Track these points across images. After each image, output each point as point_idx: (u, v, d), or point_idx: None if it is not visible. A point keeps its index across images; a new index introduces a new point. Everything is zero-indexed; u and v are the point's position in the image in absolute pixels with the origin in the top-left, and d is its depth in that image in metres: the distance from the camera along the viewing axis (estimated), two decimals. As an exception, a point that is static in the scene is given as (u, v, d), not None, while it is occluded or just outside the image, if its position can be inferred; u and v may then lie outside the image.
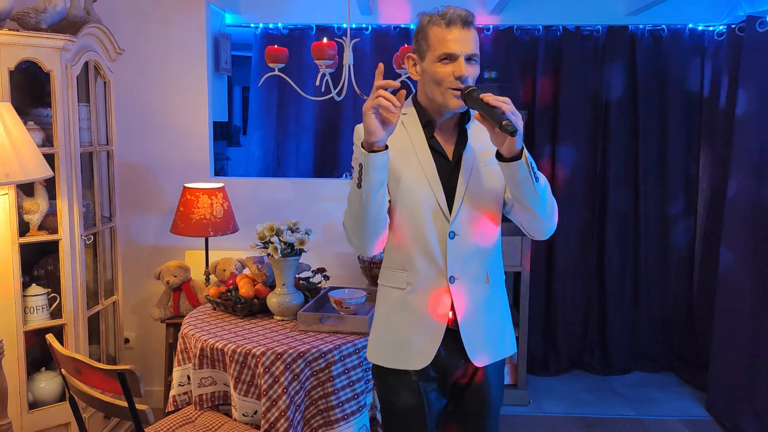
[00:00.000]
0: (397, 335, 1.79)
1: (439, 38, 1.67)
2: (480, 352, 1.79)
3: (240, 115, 6.47)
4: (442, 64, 1.67)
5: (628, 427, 3.46)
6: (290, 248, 2.60)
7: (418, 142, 1.76)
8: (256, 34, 4.10)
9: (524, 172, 1.57)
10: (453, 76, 1.65)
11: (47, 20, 2.64)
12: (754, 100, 3.37)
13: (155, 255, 3.59)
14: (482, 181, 1.76)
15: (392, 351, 1.80)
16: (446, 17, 1.66)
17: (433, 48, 1.68)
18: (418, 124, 1.77)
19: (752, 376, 3.34)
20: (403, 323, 1.78)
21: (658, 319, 4.18)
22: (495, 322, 1.83)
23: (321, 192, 3.62)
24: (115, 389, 1.86)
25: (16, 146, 2.24)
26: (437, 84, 1.68)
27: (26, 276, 2.73)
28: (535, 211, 1.67)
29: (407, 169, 1.74)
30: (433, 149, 1.76)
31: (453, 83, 1.66)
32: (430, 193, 1.73)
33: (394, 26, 4.05)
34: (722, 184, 3.71)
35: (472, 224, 1.75)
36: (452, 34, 1.65)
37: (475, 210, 1.75)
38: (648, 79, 3.99)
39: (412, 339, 1.77)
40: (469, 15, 1.68)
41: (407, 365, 1.78)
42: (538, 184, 1.61)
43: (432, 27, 1.68)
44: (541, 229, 1.74)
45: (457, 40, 1.65)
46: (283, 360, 2.29)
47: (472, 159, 1.76)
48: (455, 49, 1.65)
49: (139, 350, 3.64)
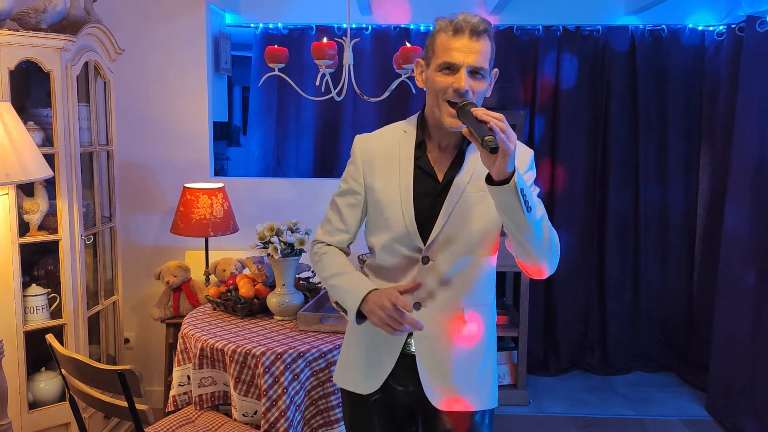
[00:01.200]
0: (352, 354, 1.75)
1: (443, 46, 1.55)
2: (440, 393, 1.64)
3: (240, 115, 6.48)
4: (442, 74, 1.55)
5: (628, 427, 3.46)
6: (290, 248, 2.60)
7: (405, 162, 1.65)
8: (256, 34, 4.10)
9: (512, 199, 1.39)
10: (452, 89, 1.53)
11: (47, 20, 2.64)
12: (754, 100, 3.37)
13: (155, 255, 3.59)
14: (472, 208, 1.60)
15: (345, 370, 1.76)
16: (454, 24, 1.53)
17: (436, 56, 1.57)
18: (412, 143, 1.67)
19: (752, 376, 3.34)
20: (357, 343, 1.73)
21: (658, 319, 4.18)
22: (467, 365, 1.66)
23: (321, 192, 3.62)
24: (115, 389, 1.86)
25: (16, 146, 2.24)
26: (435, 95, 1.57)
27: (26, 276, 2.72)
28: (528, 244, 1.48)
29: (385, 189, 1.66)
30: (422, 169, 1.64)
31: (450, 96, 1.53)
32: (400, 214, 1.62)
33: (394, 26, 4.05)
34: (722, 184, 3.71)
35: (452, 253, 1.61)
36: (457, 43, 1.53)
37: (459, 238, 1.61)
38: (648, 79, 3.99)
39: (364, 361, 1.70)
40: (481, 24, 1.53)
41: (355, 387, 1.72)
42: (530, 215, 1.43)
43: (440, 33, 1.57)
44: (534, 264, 1.54)
45: (461, 50, 1.52)
46: (283, 360, 2.29)
47: (464, 183, 1.61)
48: (457, 59, 1.52)
49: (139, 350, 3.64)
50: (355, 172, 1.72)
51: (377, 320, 1.52)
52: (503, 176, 1.39)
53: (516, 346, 3.71)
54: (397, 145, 1.68)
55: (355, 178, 1.72)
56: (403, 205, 1.63)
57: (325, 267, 1.72)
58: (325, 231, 1.78)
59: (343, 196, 1.75)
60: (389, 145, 1.70)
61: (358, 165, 1.72)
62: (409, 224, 1.62)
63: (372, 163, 1.70)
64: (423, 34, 4.08)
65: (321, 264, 1.73)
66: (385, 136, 1.73)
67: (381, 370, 1.67)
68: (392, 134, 1.72)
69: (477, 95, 1.55)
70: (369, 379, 1.69)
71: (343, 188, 1.76)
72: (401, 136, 1.69)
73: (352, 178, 1.73)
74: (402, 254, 1.64)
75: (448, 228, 1.60)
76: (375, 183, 1.68)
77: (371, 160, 1.70)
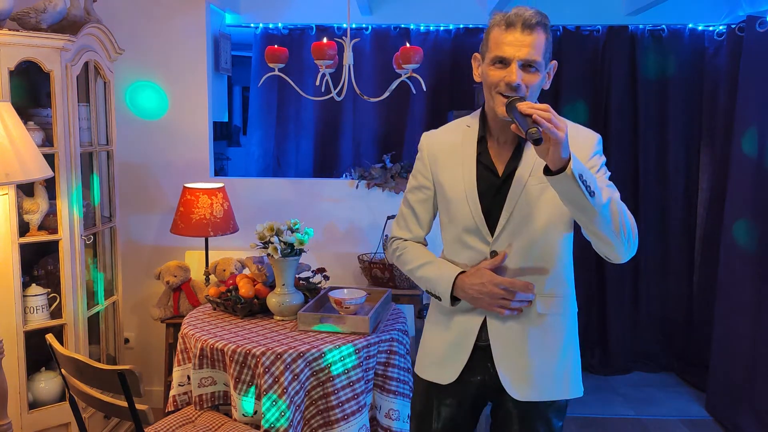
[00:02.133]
0: (431, 346, 1.81)
1: (495, 40, 1.57)
2: (517, 384, 1.68)
3: (240, 115, 6.48)
4: (495, 68, 1.57)
5: (628, 427, 3.46)
6: (290, 248, 2.60)
7: (468, 157, 1.70)
8: (256, 34, 4.10)
9: (572, 186, 1.40)
10: (504, 82, 1.55)
11: (47, 20, 2.64)
12: (754, 100, 3.37)
13: (155, 255, 3.59)
14: (535, 200, 1.63)
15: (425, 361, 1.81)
16: (507, 18, 1.55)
17: (490, 50, 1.59)
18: (475, 138, 1.70)
19: (752, 376, 3.34)
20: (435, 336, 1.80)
21: (658, 319, 4.18)
22: (543, 355, 1.68)
23: (321, 192, 3.62)
24: (115, 389, 1.86)
25: (16, 146, 2.24)
26: (489, 88, 1.61)
27: (26, 276, 2.72)
28: (598, 230, 1.50)
29: (451, 184, 1.71)
30: (482, 164, 1.68)
31: (503, 89, 1.56)
32: (467, 210, 1.67)
33: (394, 26, 4.05)
34: (722, 184, 3.71)
35: (520, 245, 1.65)
36: (509, 38, 1.54)
37: (526, 230, 1.64)
38: (648, 79, 3.99)
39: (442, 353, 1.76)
40: (535, 17, 1.54)
41: (435, 377, 1.77)
42: (593, 199, 1.42)
43: (494, 27, 1.59)
44: (611, 250, 1.56)
45: (512, 44, 1.54)
46: (283, 360, 2.29)
47: (525, 176, 1.63)
48: (508, 53, 1.54)
49: (139, 350, 3.64)
50: (423, 168, 1.79)
51: (487, 305, 1.63)
52: (560, 164, 1.40)
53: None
54: (461, 140, 1.73)
55: (423, 174, 1.79)
56: (469, 199, 1.67)
57: (407, 261, 1.81)
58: (400, 227, 1.87)
59: (414, 192, 1.82)
60: (453, 140, 1.74)
61: (425, 161, 1.78)
62: (477, 218, 1.67)
63: (437, 158, 1.75)
64: (423, 34, 4.08)
65: (402, 259, 1.83)
66: (450, 132, 1.78)
67: (457, 362, 1.72)
68: (457, 129, 1.77)
69: (531, 88, 1.57)
70: (446, 370, 1.73)
71: (413, 184, 1.83)
72: (465, 131, 1.74)
73: (421, 174, 1.80)
74: (472, 247, 1.70)
75: (513, 220, 1.64)
76: (442, 178, 1.74)
77: (437, 156, 1.76)
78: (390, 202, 3.55)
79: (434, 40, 4.09)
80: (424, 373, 1.80)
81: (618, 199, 1.55)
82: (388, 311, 2.76)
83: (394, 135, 4.20)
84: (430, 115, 4.15)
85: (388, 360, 2.50)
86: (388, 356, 2.50)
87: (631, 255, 1.59)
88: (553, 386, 1.70)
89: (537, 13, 1.55)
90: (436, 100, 4.12)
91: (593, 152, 1.66)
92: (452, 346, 1.73)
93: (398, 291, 3.18)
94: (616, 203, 1.52)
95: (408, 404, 2.51)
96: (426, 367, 1.80)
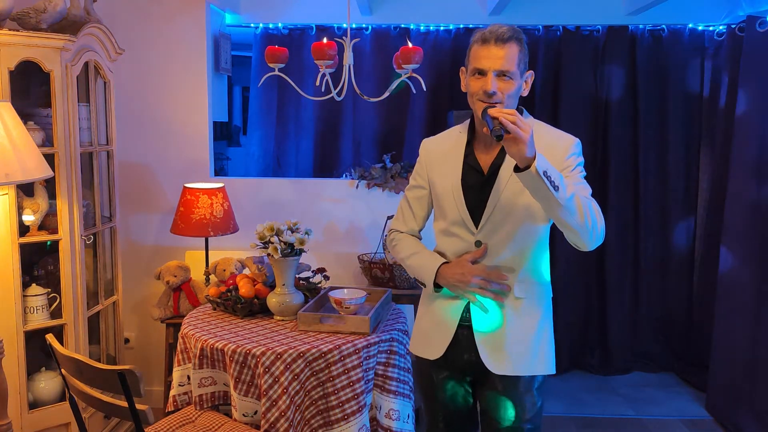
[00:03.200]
0: (420, 326, 2.04)
1: (474, 54, 1.81)
2: (496, 360, 1.88)
3: (240, 115, 6.47)
4: (474, 79, 1.81)
5: (628, 427, 3.46)
6: (290, 248, 2.60)
7: (456, 159, 1.93)
8: (256, 34, 4.10)
9: (537, 181, 1.58)
10: (482, 90, 1.77)
11: (47, 20, 2.64)
12: (754, 100, 3.37)
13: (155, 255, 3.59)
14: (516, 197, 1.82)
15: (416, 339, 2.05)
16: (483, 35, 1.78)
17: (470, 63, 1.83)
18: (464, 142, 1.94)
19: (752, 376, 3.34)
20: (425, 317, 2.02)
21: (658, 319, 4.18)
22: (520, 335, 1.88)
23: (321, 192, 3.62)
24: (115, 389, 1.86)
25: (16, 146, 2.24)
26: (471, 97, 1.83)
27: (26, 276, 2.72)
28: (564, 221, 1.69)
29: (441, 182, 1.94)
30: (469, 164, 1.90)
31: (481, 96, 1.78)
32: (453, 204, 1.90)
33: (394, 26, 4.05)
34: (722, 184, 3.71)
35: (502, 236, 1.86)
36: (484, 51, 1.77)
37: (507, 222, 1.85)
38: (648, 79, 3.99)
39: (430, 332, 1.98)
40: (508, 32, 1.76)
41: (423, 353, 2.00)
42: (557, 193, 1.60)
43: (473, 44, 1.82)
44: (577, 239, 1.75)
45: (488, 57, 1.76)
46: (283, 360, 2.29)
47: (507, 175, 1.83)
48: (484, 65, 1.77)
49: (139, 350, 3.64)
50: (421, 170, 2.04)
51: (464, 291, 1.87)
52: (526, 162, 1.58)
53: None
54: (453, 145, 1.97)
55: (420, 175, 2.05)
56: (455, 195, 1.90)
57: (400, 250, 2.06)
58: (398, 221, 2.13)
59: (412, 190, 2.08)
60: (447, 145, 1.99)
61: (423, 164, 2.04)
62: (462, 211, 1.88)
63: (432, 162, 2.00)
64: (423, 34, 4.08)
65: (397, 248, 2.09)
66: (445, 138, 2.03)
67: (443, 340, 1.93)
68: (450, 136, 2.01)
69: (507, 95, 1.79)
70: (433, 347, 1.96)
71: (412, 184, 2.08)
72: (457, 137, 1.98)
73: (418, 175, 2.06)
74: (458, 238, 1.92)
75: (495, 213, 1.85)
76: (434, 177, 1.98)
77: (432, 160, 2.01)
78: (390, 202, 3.55)
79: (434, 40, 4.09)
80: (415, 349, 2.04)
81: (587, 195, 1.77)
82: (388, 311, 2.76)
83: (394, 135, 4.20)
84: (430, 115, 4.15)
85: (388, 360, 2.50)
86: (388, 356, 2.50)
87: (597, 244, 1.77)
88: (529, 363, 1.89)
89: (510, 29, 1.78)
90: (436, 100, 4.12)
91: (570, 154, 1.86)
92: (438, 326, 1.95)
93: (398, 291, 3.18)
94: (582, 198, 1.71)
95: (409, 404, 2.52)
96: (416, 345, 2.04)
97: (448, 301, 1.94)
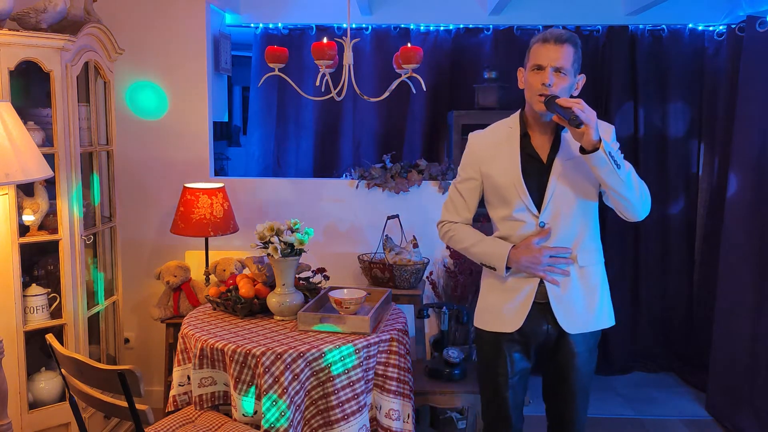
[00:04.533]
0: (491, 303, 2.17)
1: (534, 52, 2.04)
2: (572, 323, 2.11)
3: (240, 115, 6.47)
4: (533, 73, 2.03)
5: (628, 427, 3.46)
6: (290, 248, 2.60)
7: (513, 150, 2.11)
8: (256, 34, 4.10)
9: (604, 161, 1.87)
10: (539, 83, 2.00)
11: (47, 20, 2.64)
12: (754, 100, 3.37)
13: (155, 255, 3.59)
14: (572, 178, 2.06)
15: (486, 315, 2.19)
16: (543, 36, 2.02)
17: (529, 60, 2.06)
18: (518, 135, 2.12)
19: (752, 376, 3.34)
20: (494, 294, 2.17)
21: (658, 319, 4.18)
22: (585, 298, 2.11)
23: (321, 192, 3.62)
24: (115, 389, 1.86)
25: (16, 146, 2.24)
26: (529, 89, 2.05)
27: (26, 276, 2.72)
28: (624, 195, 1.96)
29: (500, 173, 2.10)
30: (529, 155, 2.10)
31: (540, 89, 2.00)
32: (515, 193, 2.07)
33: (394, 26, 4.05)
34: (722, 184, 3.71)
35: (561, 215, 2.07)
36: (543, 49, 2.01)
37: (566, 203, 2.07)
38: (648, 79, 3.99)
39: (504, 308, 2.13)
40: (565, 34, 2.01)
41: (498, 328, 2.14)
42: (620, 170, 1.90)
43: (534, 44, 2.05)
44: (633, 211, 2.01)
45: (547, 54, 2.00)
46: (283, 360, 2.29)
47: (564, 160, 2.06)
48: (543, 61, 2.00)
49: (139, 350, 3.64)
50: (472, 163, 2.19)
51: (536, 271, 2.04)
52: (593, 145, 1.88)
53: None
54: (505, 138, 2.14)
55: (472, 168, 2.19)
56: (516, 185, 2.07)
57: (461, 240, 2.20)
58: (449, 212, 2.26)
59: (463, 183, 2.21)
60: (498, 138, 2.16)
61: (474, 157, 2.19)
62: (525, 199, 2.07)
63: (484, 155, 2.16)
64: (423, 34, 4.08)
65: (455, 238, 2.22)
66: (494, 132, 2.19)
67: (521, 314, 2.10)
68: (500, 130, 2.19)
69: (561, 90, 2.01)
70: (510, 321, 2.12)
71: (462, 177, 2.22)
72: (508, 131, 2.15)
73: (469, 167, 2.19)
74: (522, 223, 2.09)
75: (556, 197, 2.06)
76: (490, 170, 2.13)
77: (483, 154, 2.16)
78: (390, 202, 3.55)
79: (434, 40, 4.09)
80: (486, 325, 2.18)
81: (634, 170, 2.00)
82: (388, 311, 2.76)
83: (394, 135, 4.21)
84: (430, 115, 4.15)
85: (388, 360, 2.50)
86: (388, 356, 2.50)
87: (645, 214, 2.04)
88: (597, 318, 2.15)
89: (568, 32, 2.03)
90: (436, 100, 4.12)
91: (613, 137, 2.11)
92: (513, 302, 2.11)
93: (398, 291, 3.17)
94: (635, 173, 1.98)
95: (409, 404, 2.52)
96: (488, 321, 2.18)
97: (521, 278, 2.10)
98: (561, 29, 2.05)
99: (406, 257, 3.28)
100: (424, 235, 3.48)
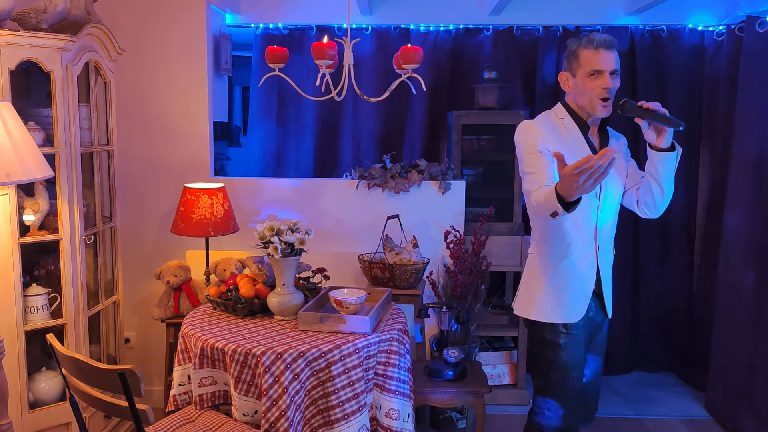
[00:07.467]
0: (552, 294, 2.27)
1: (588, 59, 2.16)
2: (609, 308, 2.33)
3: (240, 115, 6.47)
4: (591, 78, 2.16)
5: (628, 427, 3.46)
6: (290, 248, 2.60)
7: (579, 140, 2.24)
8: (256, 34, 4.11)
9: (674, 160, 2.15)
10: (600, 88, 2.15)
11: (48, 20, 2.64)
12: (754, 100, 3.37)
13: (155, 255, 3.59)
14: (616, 171, 2.28)
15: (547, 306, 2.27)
16: (594, 42, 2.15)
17: (583, 66, 2.17)
18: (576, 126, 2.25)
19: (752, 376, 3.34)
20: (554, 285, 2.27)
21: (658, 319, 4.18)
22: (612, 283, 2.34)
23: (321, 192, 3.62)
24: (115, 389, 1.86)
25: (16, 146, 2.24)
26: (585, 94, 2.18)
27: (26, 276, 2.73)
28: (667, 191, 2.23)
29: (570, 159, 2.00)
30: (590, 145, 2.24)
31: (601, 93, 2.16)
32: None
33: (394, 26, 4.05)
34: (722, 184, 3.71)
35: (610, 203, 2.28)
36: (599, 55, 2.14)
37: (612, 192, 2.28)
38: (648, 79, 3.99)
39: (568, 298, 2.25)
40: (611, 40, 2.17)
41: (562, 319, 2.25)
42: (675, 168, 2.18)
43: (582, 50, 2.18)
44: (663, 205, 2.27)
45: (603, 60, 2.14)
46: (283, 360, 2.29)
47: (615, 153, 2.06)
48: (602, 67, 2.15)
49: (139, 350, 3.64)
50: (542, 140, 2.18)
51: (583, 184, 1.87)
52: (667, 144, 2.16)
53: (516, 346, 3.71)
54: (568, 132, 2.25)
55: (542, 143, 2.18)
56: None
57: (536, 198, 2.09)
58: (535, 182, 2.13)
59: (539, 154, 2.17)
60: (553, 127, 2.26)
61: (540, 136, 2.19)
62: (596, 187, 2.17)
63: (553, 138, 2.21)
64: (423, 34, 4.08)
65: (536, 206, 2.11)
66: (548, 123, 2.27)
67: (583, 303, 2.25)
68: (552, 122, 2.28)
69: (616, 90, 2.18)
70: (574, 311, 2.25)
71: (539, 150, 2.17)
72: (560, 122, 2.27)
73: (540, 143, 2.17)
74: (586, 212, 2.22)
75: (607, 184, 2.23)
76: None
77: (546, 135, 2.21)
78: (390, 202, 3.55)
79: (434, 40, 4.09)
80: (547, 316, 2.26)
81: None
82: (388, 311, 2.77)
83: (394, 135, 4.21)
84: (430, 115, 4.15)
85: (388, 360, 2.50)
86: (388, 356, 2.50)
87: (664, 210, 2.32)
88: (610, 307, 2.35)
89: (612, 38, 2.19)
90: (436, 100, 4.13)
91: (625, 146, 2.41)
92: (574, 292, 2.24)
93: (398, 291, 3.18)
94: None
95: (409, 404, 2.52)
96: (549, 312, 2.26)
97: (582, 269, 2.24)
98: (603, 34, 2.20)
99: (406, 257, 3.28)
100: (424, 235, 3.48)
